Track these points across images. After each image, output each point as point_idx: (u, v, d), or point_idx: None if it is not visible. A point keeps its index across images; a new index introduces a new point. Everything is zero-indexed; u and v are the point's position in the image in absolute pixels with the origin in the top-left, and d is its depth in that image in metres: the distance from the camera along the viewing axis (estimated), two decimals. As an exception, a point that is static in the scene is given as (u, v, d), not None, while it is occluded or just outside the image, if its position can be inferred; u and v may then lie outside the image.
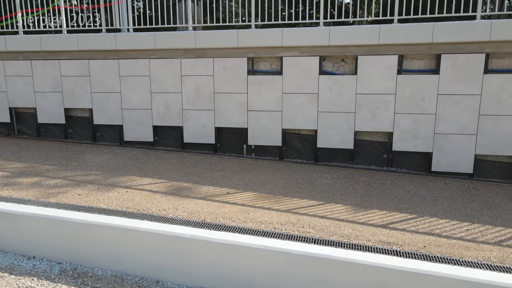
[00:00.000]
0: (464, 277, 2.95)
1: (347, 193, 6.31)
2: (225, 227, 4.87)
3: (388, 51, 7.22)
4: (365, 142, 7.84)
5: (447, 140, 7.21)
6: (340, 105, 7.65)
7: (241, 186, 6.50)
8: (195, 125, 8.50)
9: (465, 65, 6.88)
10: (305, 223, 5.03)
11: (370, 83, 7.41)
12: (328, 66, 7.77)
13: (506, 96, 6.77)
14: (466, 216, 5.42)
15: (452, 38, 6.79)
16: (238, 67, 8.02)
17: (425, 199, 6.07)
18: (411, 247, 4.44)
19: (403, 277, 3.08)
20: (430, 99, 7.16)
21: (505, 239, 4.70)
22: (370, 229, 4.92)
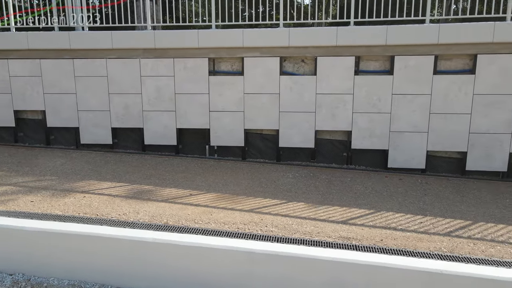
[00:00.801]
0: (418, 267, 3.12)
1: (309, 191, 6.45)
2: (188, 229, 4.82)
3: (346, 52, 7.45)
4: (325, 141, 8.05)
5: (402, 138, 7.56)
6: (301, 105, 7.80)
7: (204, 187, 6.46)
8: (156, 126, 8.33)
9: (417, 66, 7.25)
10: (268, 222, 5.09)
11: (329, 83, 7.62)
12: (289, 67, 7.90)
13: (453, 95, 7.21)
14: (419, 209, 5.72)
15: (404, 40, 7.13)
16: (199, 67, 7.96)
17: (382, 195, 6.34)
18: (369, 241, 4.62)
19: (362, 271, 3.21)
20: (385, 98, 7.48)
21: (454, 230, 5.01)
22: (331, 225, 5.07)
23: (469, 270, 3.04)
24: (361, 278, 3.21)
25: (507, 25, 6.75)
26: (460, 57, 7.20)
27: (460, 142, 7.35)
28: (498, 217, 5.45)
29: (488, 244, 4.59)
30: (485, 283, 2.92)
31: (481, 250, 4.44)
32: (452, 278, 2.97)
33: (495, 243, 4.61)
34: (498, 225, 5.15)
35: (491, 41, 6.79)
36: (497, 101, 7.06)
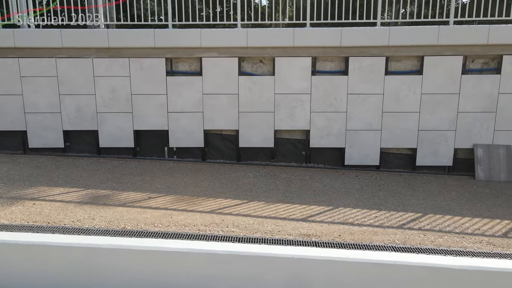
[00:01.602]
0: (373, 260, 3.25)
1: (269, 190, 6.52)
2: (147, 233, 4.70)
3: (303, 53, 7.61)
4: (284, 140, 8.17)
5: (357, 136, 7.85)
6: (260, 105, 7.86)
7: (163, 190, 6.33)
8: (111, 128, 8.04)
9: (369, 67, 7.55)
10: (229, 223, 5.09)
11: (287, 83, 7.74)
12: (247, 67, 7.93)
13: (403, 95, 7.60)
14: (375, 204, 5.97)
15: (357, 42, 7.40)
16: (156, 67, 7.78)
17: (339, 192, 6.54)
18: (328, 237, 4.76)
19: (322, 266, 3.29)
20: (341, 98, 7.73)
21: (406, 222, 5.28)
22: (291, 223, 5.16)
23: (419, 260, 3.21)
24: (321, 273, 3.29)
25: (450, 28, 7.21)
26: (409, 59, 7.60)
27: (410, 139, 7.75)
28: (445, 208, 5.82)
29: (437, 234, 4.89)
30: (434, 271, 3.10)
31: (431, 240, 4.71)
32: (404, 268, 3.13)
33: (443, 233, 4.92)
34: (445, 216, 5.49)
35: (436, 43, 7.22)
36: (442, 100, 7.53)
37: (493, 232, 4.99)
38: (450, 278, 3.07)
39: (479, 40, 7.11)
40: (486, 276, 3.00)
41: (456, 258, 3.30)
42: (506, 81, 7.31)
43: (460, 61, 7.35)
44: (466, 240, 4.73)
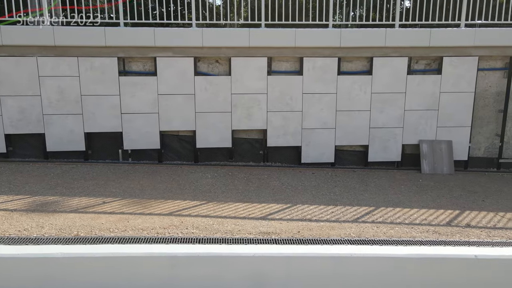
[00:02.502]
0: (331, 253, 3.38)
1: (228, 190, 6.52)
2: (103, 239, 4.51)
3: (258, 53, 7.69)
4: (242, 140, 8.21)
5: (313, 134, 8.07)
6: (217, 105, 7.84)
7: (118, 194, 6.11)
8: (60, 131, 7.63)
9: (323, 68, 7.79)
10: (189, 224, 5.02)
11: (243, 83, 7.78)
12: (203, 67, 7.87)
13: (355, 94, 7.92)
14: (331, 200, 6.17)
15: (311, 43, 7.61)
16: (108, 67, 7.49)
17: (297, 189, 6.69)
18: (288, 234, 4.85)
19: (282, 262, 3.36)
20: (296, 97, 7.90)
21: (360, 216, 5.51)
22: (251, 222, 5.19)
23: (373, 251, 3.39)
24: (281, 269, 3.36)
25: (395, 31, 7.62)
26: (359, 60, 7.93)
27: (362, 136, 8.10)
28: (396, 201, 6.15)
29: (389, 226, 5.15)
30: (385, 261, 3.28)
31: (383, 232, 4.96)
32: (359, 260, 3.28)
33: (394, 225, 5.19)
34: (395, 209, 5.80)
35: (384, 45, 7.61)
36: (391, 98, 7.95)
37: (438, 221, 5.35)
38: (401, 267, 3.26)
39: (422, 42, 7.58)
40: (431, 262, 3.22)
41: (405, 248, 3.50)
42: (446, 81, 7.86)
43: (406, 62, 7.80)
44: (414, 230, 5.03)
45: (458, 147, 8.09)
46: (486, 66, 7.93)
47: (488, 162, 8.31)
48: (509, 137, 8.21)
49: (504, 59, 7.88)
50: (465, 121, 8.02)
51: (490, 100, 8.10)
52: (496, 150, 8.24)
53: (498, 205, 6.03)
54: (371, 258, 3.28)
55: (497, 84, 8.02)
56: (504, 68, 7.91)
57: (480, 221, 5.39)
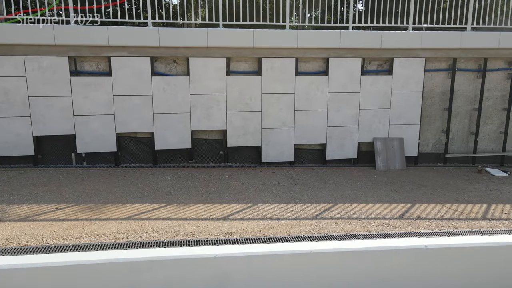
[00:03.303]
0: (292, 250, 3.43)
1: (188, 192, 6.44)
2: (55, 247, 4.29)
3: (217, 53, 7.66)
4: (202, 140, 8.13)
5: (272, 134, 8.17)
6: (175, 106, 7.71)
7: (72, 200, 5.84)
8: (5, 135, 7.15)
9: (281, 68, 7.91)
10: (149, 228, 4.91)
11: (202, 83, 7.72)
12: (161, 67, 7.71)
13: (312, 94, 8.11)
14: (291, 198, 6.29)
15: (268, 43, 7.69)
16: (58, 67, 7.13)
17: (258, 188, 6.74)
18: (249, 233, 4.88)
19: (244, 262, 3.37)
20: (255, 98, 7.96)
21: (319, 213, 5.66)
22: (213, 223, 5.17)
23: (332, 247, 3.49)
24: (244, 269, 3.37)
25: (349, 33, 7.90)
26: (316, 60, 8.14)
27: (320, 135, 8.32)
28: (353, 197, 6.38)
29: (346, 221, 5.34)
30: (344, 255, 3.39)
31: (341, 227, 5.13)
32: (319, 255, 3.37)
33: (351, 220, 5.39)
34: (352, 204, 6.02)
35: (339, 46, 7.86)
36: (346, 98, 8.23)
37: (392, 215, 5.62)
38: (358, 260, 3.39)
39: (374, 44, 7.92)
40: (386, 254, 3.38)
41: (362, 241, 3.65)
42: (396, 81, 8.27)
43: (359, 63, 8.11)
44: (370, 224, 5.25)
45: (409, 143, 8.54)
46: (432, 67, 8.43)
47: (435, 157, 8.84)
48: (454, 134, 8.79)
49: (448, 61, 8.42)
50: (414, 119, 8.48)
51: (436, 99, 8.62)
52: (442, 146, 8.79)
53: (445, 197, 6.44)
54: (330, 253, 3.38)
55: (442, 84, 8.55)
56: (448, 69, 8.45)
57: (430, 213, 5.73)
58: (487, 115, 8.75)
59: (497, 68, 8.52)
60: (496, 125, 8.83)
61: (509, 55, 8.32)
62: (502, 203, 6.18)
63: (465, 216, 5.62)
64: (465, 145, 8.87)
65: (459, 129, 8.80)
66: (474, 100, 8.65)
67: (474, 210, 5.85)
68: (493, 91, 8.66)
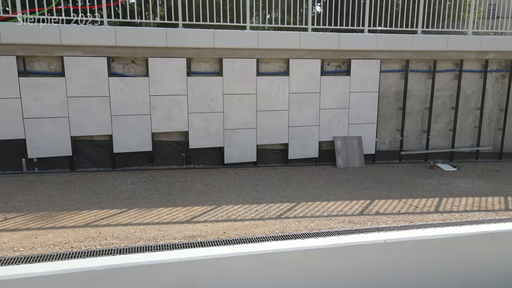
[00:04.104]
0: (256, 251, 3.43)
1: (150, 195, 6.27)
2: (4, 260, 4.01)
3: (177, 53, 7.52)
4: (163, 143, 7.96)
5: (235, 135, 8.15)
6: (134, 108, 7.49)
7: (23, 208, 5.49)
8: None
9: (242, 69, 7.92)
10: (108, 235, 4.72)
11: (162, 84, 7.55)
12: (118, 68, 7.46)
13: (274, 95, 8.19)
14: (255, 199, 6.30)
15: (229, 44, 7.67)
16: (4, 67, 6.70)
17: (221, 190, 6.70)
18: (214, 236, 4.83)
19: (209, 265, 3.33)
20: (217, 98, 7.90)
21: (283, 212, 5.72)
22: (176, 226, 5.07)
23: (296, 245, 3.53)
24: (209, 271, 3.33)
25: (309, 34, 8.06)
26: (276, 61, 8.22)
27: (282, 135, 8.41)
28: (315, 196, 6.51)
29: (309, 220, 5.43)
30: (308, 253, 3.45)
31: (305, 226, 5.21)
32: (283, 254, 3.40)
33: (314, 218, 5.49)
34: (315, 203, 6.14)
35: (299, 47, 7.99)
36: (307, 98, 8.38)
37: (353, 211, 5.80)
38: (321, 257, 3.45)
39: (332, 46, 8.13)
40: (348, 250, 3.47)
41: (326, 239, 3.73)
42: (354, 81, 8.54)
43: (319, 64, 8.29)
44: (332, 221, 5.38)
45: (367, 142, 8.85)
46: (387, 68, 8.80)
47: (392, 154, 9.23)
48: (408, 132, 9.23)
49: (401, 62, 8.82)
50: (372, 118, 8.80)
51: (391, 99, 9.00)
52: (397, 144, 9.19)
53: (401, 193, 6.74)
54: (294, 251, 3.42)
55: (396, 84, 8.94)
56: (402, 70, 8.86)
57: (387, 208, 5.97)
58: (437, 113, 9.26)
59: (446, 69, 9.05)
60: (446, 123, 9.37)
61: (456, 57, 8.86)
62: (452, 197, 6.57)
63: (420, 210, 5.91)
64: (418, 143, 9.34)
65: (413, 128, 9.24)
66: (425, 99, 9.13)
67: (427, 204, 6.17)
68: (442, 91, 9.18)
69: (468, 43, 8.73)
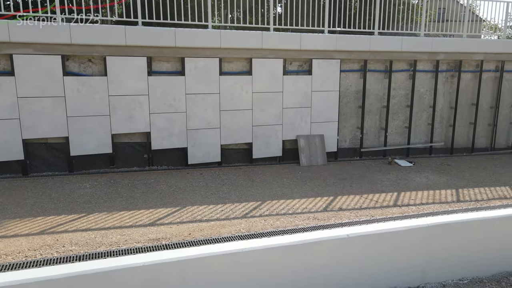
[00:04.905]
0: (222, 251, 3.40)
1: (111, 199, 6.05)
2: (-50, 274, 3.70)
3: (137, 52, 7.31)
4: (124, 144, 7.71)
5: (198, 135, 8.05)
6: (92, 108, 7.20)
7: (-30, 217, 5.11)
8: None
9: (205, 68, 7.84)
10: (66, 241, 4.50)
11: (122, 84, 7.31)
12: (74, 67, 7.13)
13: (237, 94, 8.18)
14: (220, 199, 6.26)
15: (191, 43, 7.57)
16: None
17: (185, 191, 6.59)
18: (179, 237, 4.74)
19: (174, 267, 3.26)
20: (180, 98, 7.77)
21: (249, 211, 5.73)
22: (139, 230, 4.92)
23: (262, 244, 3.54)
24: (175, 274, 3.26)
25: (271, 34, 8.12)
26: (239, 60, 8.22)
27: (246, 134, 8.42)
28: (280, 194, 6.57)
29: (275, 218, 5.48)
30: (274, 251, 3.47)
31: (270, 224, 5.25)
32: (249, 253, 3.40)
33: (279, 216, 5.54)
34: (280, 201, 6.20)
35: (261, 47, 8.03)
36: (270, 97, 8.45)
37: (317, 208, 5.91)
38: (287, 254, 3.49)
39: (294, 45, 8.25)
40: (313, 246, 3.53)
41: (291, 236, 3.77)
42: (316, 81, 8.72)
43: (281, 64, 8.38)
44: (297, 219, 5.45)
45: (329, 140, 9.06)
46: (346, 68, 9.06)
47: (352, 151, 9.52)
48: (367, 129, 9.55)
49: (360, 62, 9.12)
50: (333, 116, 9.02)
51: (351, 97, 9.28)
52: (358, 141, 9.50)
53: (362, 189, 6.97)
54: (260, 250, 3.42)
55: (355, 83, 9.23)
56: (360, 69, 9.16)
57: (350, 204, 6.14)
58: (394, 111, 9.67)
59: (401, 69, 9.46)
60: (402, 121, 9.80)
61: (410, 58, 9.30)
62: (409, 191, 6.88)
63: (380, 204, 6.14)
64: (377, 140, 9.70)
65: (372, 125, 9.58)
66: (383, 98, 9.50)
67: (387, 199, 6.42)
68: (398, 90, 9.60)
69: (420, 44, 9.18)
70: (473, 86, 10.04)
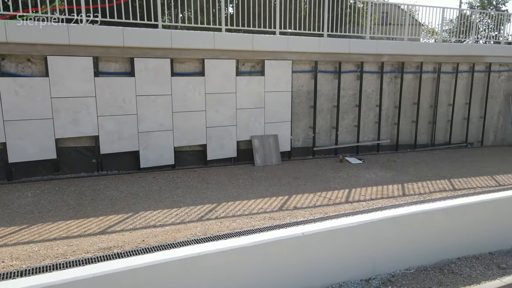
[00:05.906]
0: (179, 256, 3.33)
1: (56, 208, 5.70)
2: None
3: (82, 52, 6.95)
4: (69, 149, 7.29)
5: (150, 137, 7.82)
6: (33, 111, 6.73)
7: None
8: None
9: (156, 69, 7.62)
10: (6, 256, 4.16)
11: (66, 85, 6.91)
12: (11, 67, 6.62)
13: (190, 95, 8.05)
14: (174, 202, 6.12)
15: (141, 43, 7.33)
16: None
17: (138, 196, 6.37)
18: (131, 245, 4.57)
19: (127, 276, 3.13)
20: (130, 100, 7.49)
21: (204, 214, 5.65)
22: (88, 239, 4.68)
23: (217, 247, 3.50)
24: (127, 284, 3.13)
25: (223, 35, 8.08)
26: (191, 61, 8.09)
27: (200, 136, 8.31)
28: (235, 195, 6.56)
29: (231, 219, 5.45)
30: (231, 253, 3.45)
31: (227, 226, 5.21)
32: (207, 257, 3.35)
33: (236, 218, 5.53)
34: (235, 202, 6.19)
35: (213, 48, 7.97)
36: (223, 98, 8.41)
37: (272, 208, 5.98)
38: (244, 255, 3.49)
39: (246, 46, 8.28)
40: (270, 246, 3.56)
41: (247, 237, 3.77)
42: (268, 81, 8.81)
43: (234, 64, 8.37)
44: (253, 219, 5.47)
45: (283, 139, 9.20)
46: (298, 69, 9.25)
47: (305, 151, 9.75)
48: (319, 129, 9.83)
49: (311, 63, 9.36)
50: (286, 116, 9.17)
51: (303, 98, 9.50)
52: (310, 140, 9.74)
53: (315, 187, 7.15)
54: (217, 253, 3.39)
55: (307, 84, 9.46)
56: (312, 70, 9.40)
57: (304, 202, 6.27)
58: (343, 111, 10.03)
59: (349, 70, 9.84)
60: (351, 120, 10.20)
61: (357, 59, 9.69)
62: (359, 187, 7.17)
63: (333, 202, 6.34)
64: (329, 138, 10.01)
65: (323, 124, 9.87)
66: (333, 98, 9.82)
67: (339, 196, 6.64)
68: (347, 90, 9.97)
69: (366, 46, 9.61)
70: (414, 87, 10.69)
